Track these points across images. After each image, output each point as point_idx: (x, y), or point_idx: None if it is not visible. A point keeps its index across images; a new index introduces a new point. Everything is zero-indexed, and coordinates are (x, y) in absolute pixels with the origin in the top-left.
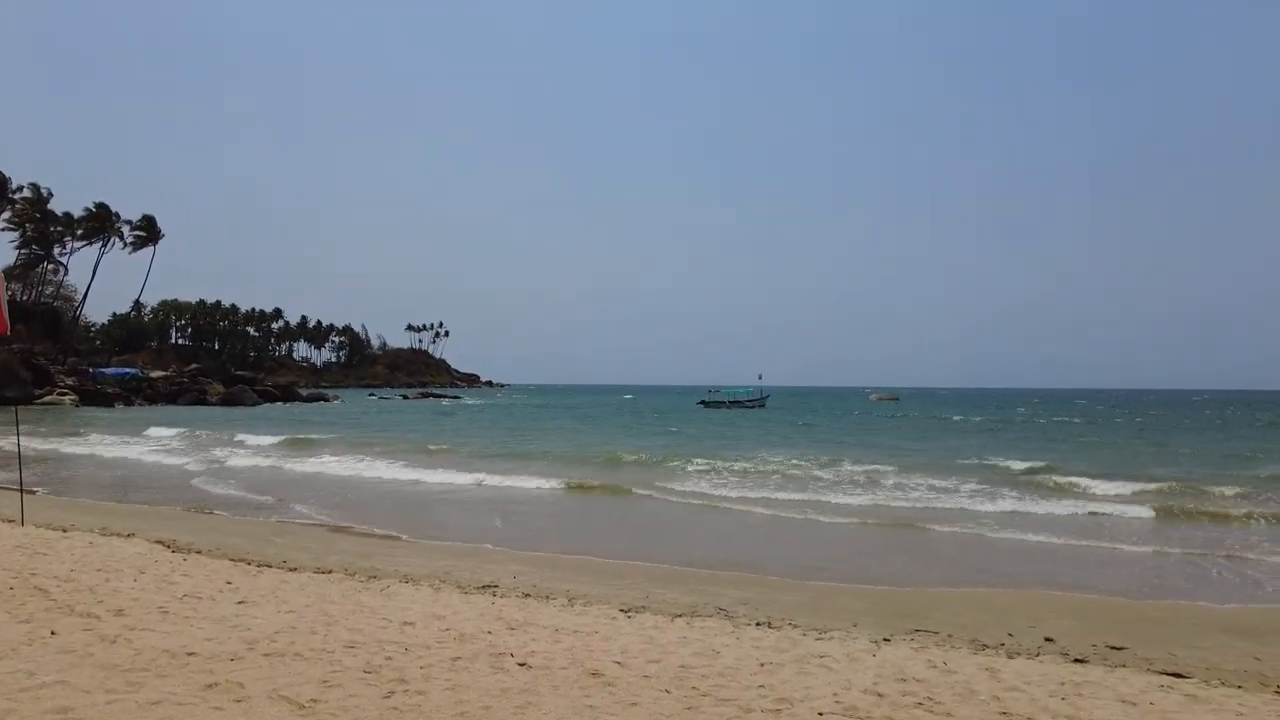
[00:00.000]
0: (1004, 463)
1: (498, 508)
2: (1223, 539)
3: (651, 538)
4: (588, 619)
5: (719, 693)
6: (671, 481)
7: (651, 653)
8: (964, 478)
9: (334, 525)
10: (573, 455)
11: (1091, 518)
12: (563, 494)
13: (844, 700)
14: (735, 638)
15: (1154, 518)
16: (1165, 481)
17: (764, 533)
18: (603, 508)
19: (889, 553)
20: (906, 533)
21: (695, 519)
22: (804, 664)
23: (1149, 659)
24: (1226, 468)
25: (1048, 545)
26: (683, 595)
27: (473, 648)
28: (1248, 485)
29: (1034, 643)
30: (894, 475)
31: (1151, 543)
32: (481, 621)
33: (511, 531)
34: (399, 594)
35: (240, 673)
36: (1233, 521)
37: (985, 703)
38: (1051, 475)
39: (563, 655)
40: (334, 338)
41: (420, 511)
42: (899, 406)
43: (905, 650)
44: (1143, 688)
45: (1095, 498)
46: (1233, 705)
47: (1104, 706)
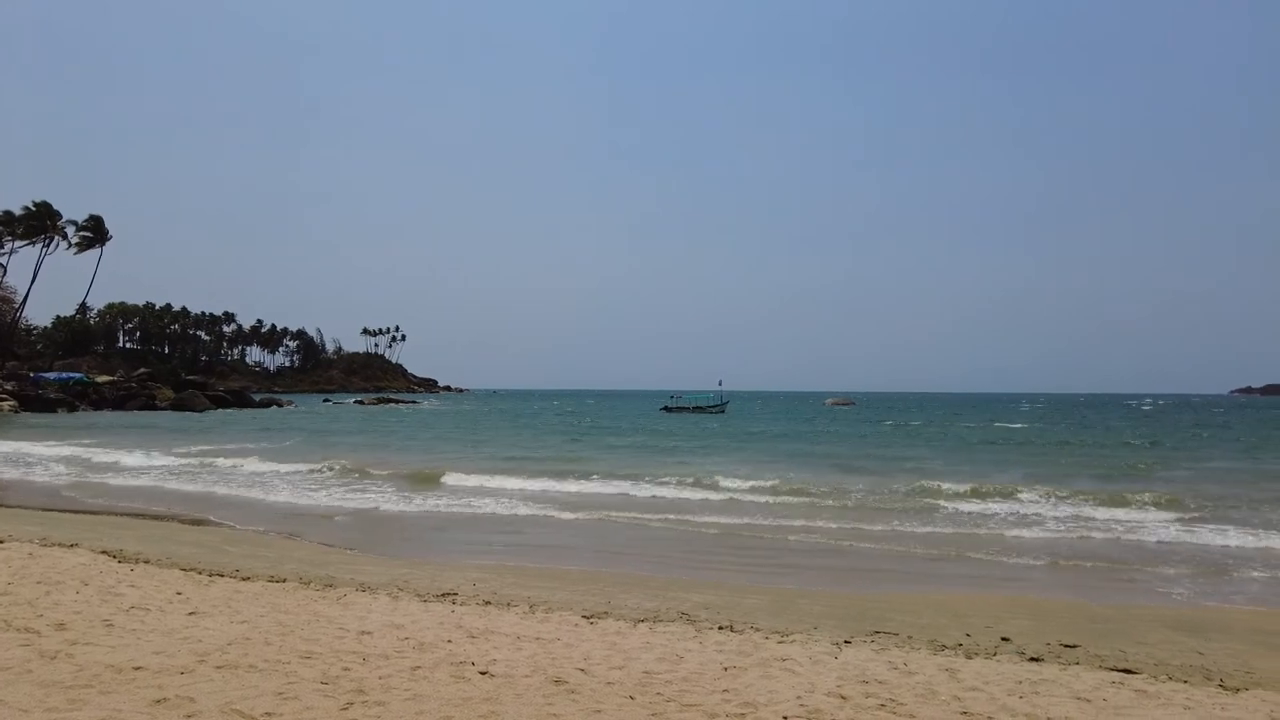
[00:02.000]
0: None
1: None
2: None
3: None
4: (550, 626)
5: (683, 698)
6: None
7: (615, 659)
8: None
9: (289, 533)
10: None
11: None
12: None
13: (808, 703)
14: (698, 642)
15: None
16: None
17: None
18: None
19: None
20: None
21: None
22: (767, 667)
23: (1101, 656)
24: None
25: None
26: (645, 600)
27: (433, 657)
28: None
29: (991, 643)
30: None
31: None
32: (441, 630)
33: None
34: (356, 603)
35: (191, 687)
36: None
37: (946, 703)
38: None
39: (525, 663)
40: (288, 341)
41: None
42: (853, 410)
43: (867, 652)
44: (1095, 684)
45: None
46: (1180, 699)
47: (1059, 704)
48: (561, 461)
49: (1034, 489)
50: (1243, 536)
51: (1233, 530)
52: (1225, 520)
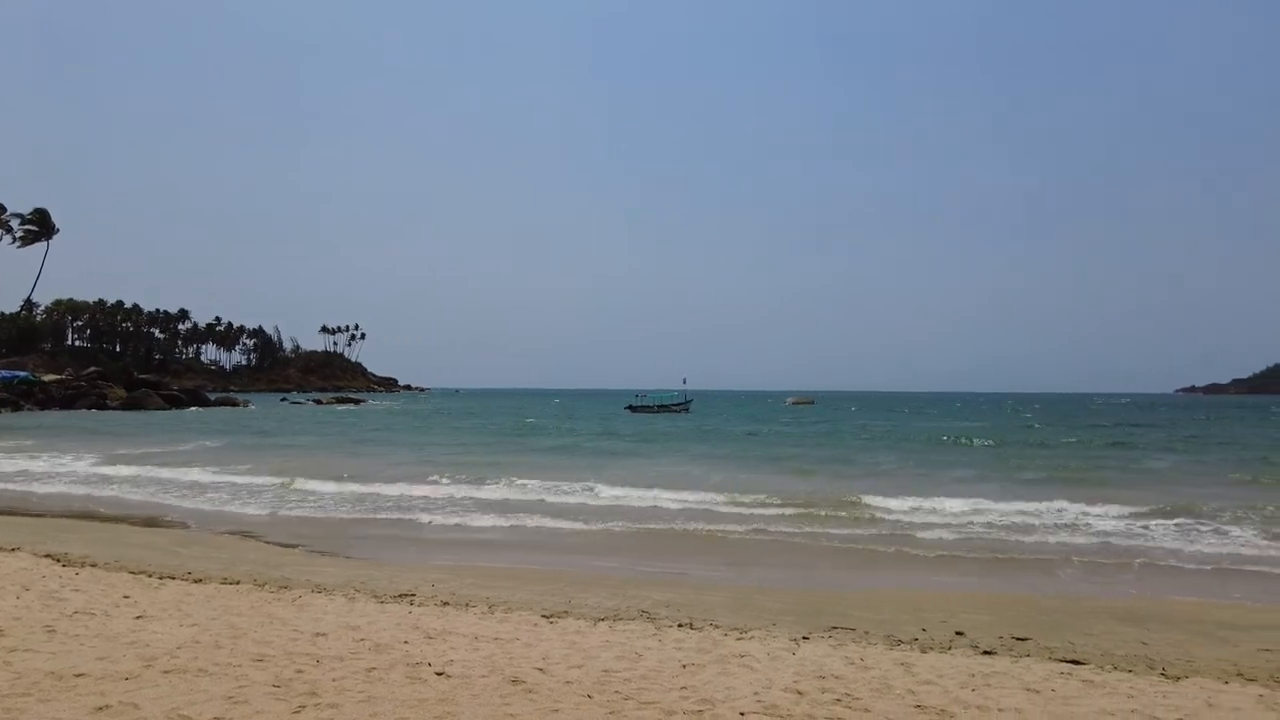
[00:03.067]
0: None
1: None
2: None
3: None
4: (508, 626)
5: (642, 695)
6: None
7: (574, 658)
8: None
9: (244, 533)
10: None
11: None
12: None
13: (765, 699)
14: (658, 640)
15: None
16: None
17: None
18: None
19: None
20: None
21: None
22: (726, 664)
23: (1050, 648)
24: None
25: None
26: (606, 599)
27: (389, 658)
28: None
29: (945, 637)
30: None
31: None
32: (398, 631)
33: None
34: (311, 604)
35: (135, 693)
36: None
37: (900, 696)
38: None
39: (482, 663)
40: (245, 340)
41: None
42: (812, 410)
43: (824, 648)
44: (1045, 675)
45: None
46: (1124, 688)
47: (1010, 695)
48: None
49: (968, 486)
50: (1182, 530)
51: (1172, 525)
52: (1165, 515)
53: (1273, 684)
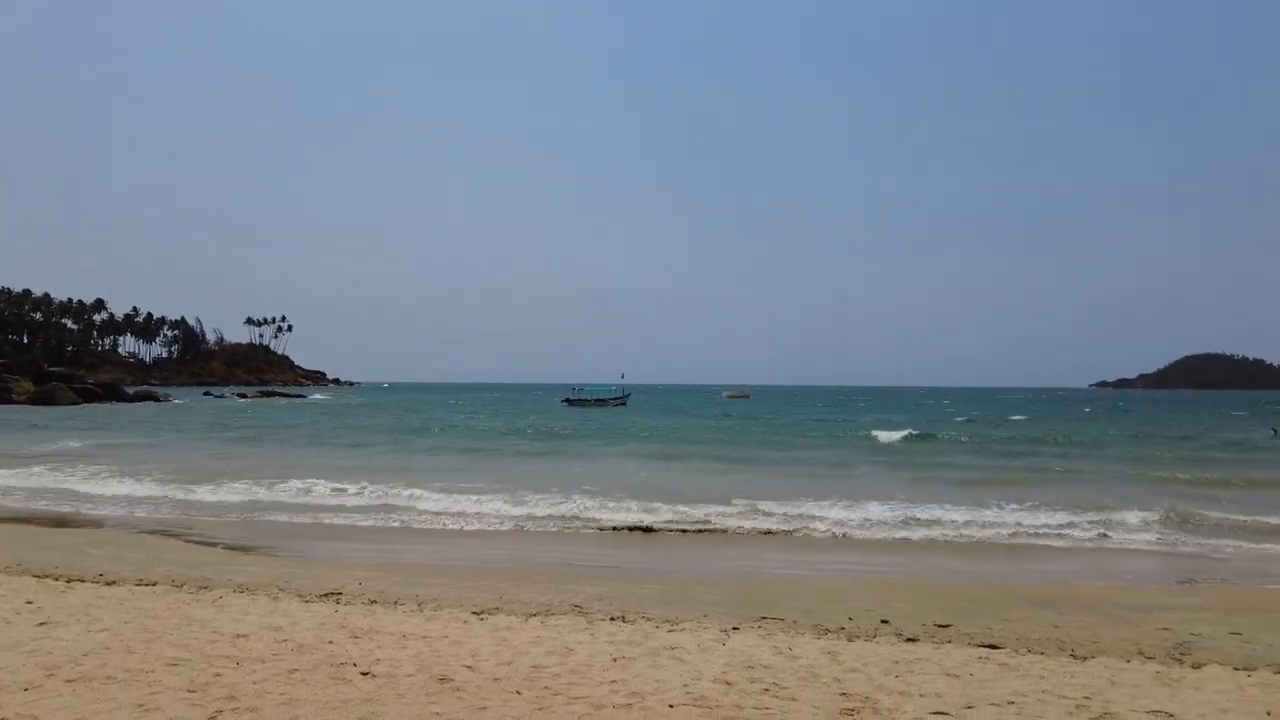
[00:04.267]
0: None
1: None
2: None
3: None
4: (437, 623)
5: (571, 690)
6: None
7: (504, 654)
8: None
9: (164, 532)
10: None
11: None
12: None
13: (694, 690)
14: (590, 634)
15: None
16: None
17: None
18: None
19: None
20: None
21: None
22: (656, 656)
23: (970, 634)
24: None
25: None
26: (538, 594)
27: (312, 658)
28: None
29: (871, 625)
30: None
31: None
32: (323, 630)
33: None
34: (232, 605)
35: (35, 704)
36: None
37: (827, 684)
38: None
39: (409, 662)
40: (166, 331)
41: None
42: (752, 403)
43: (753, 638)
44: (964, 660)
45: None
46: (1037, 670)
47: (931, 680)
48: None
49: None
50: (1080, 515)
51: (1066, 512)
52: (1059, 505)
53: (1170, 661)
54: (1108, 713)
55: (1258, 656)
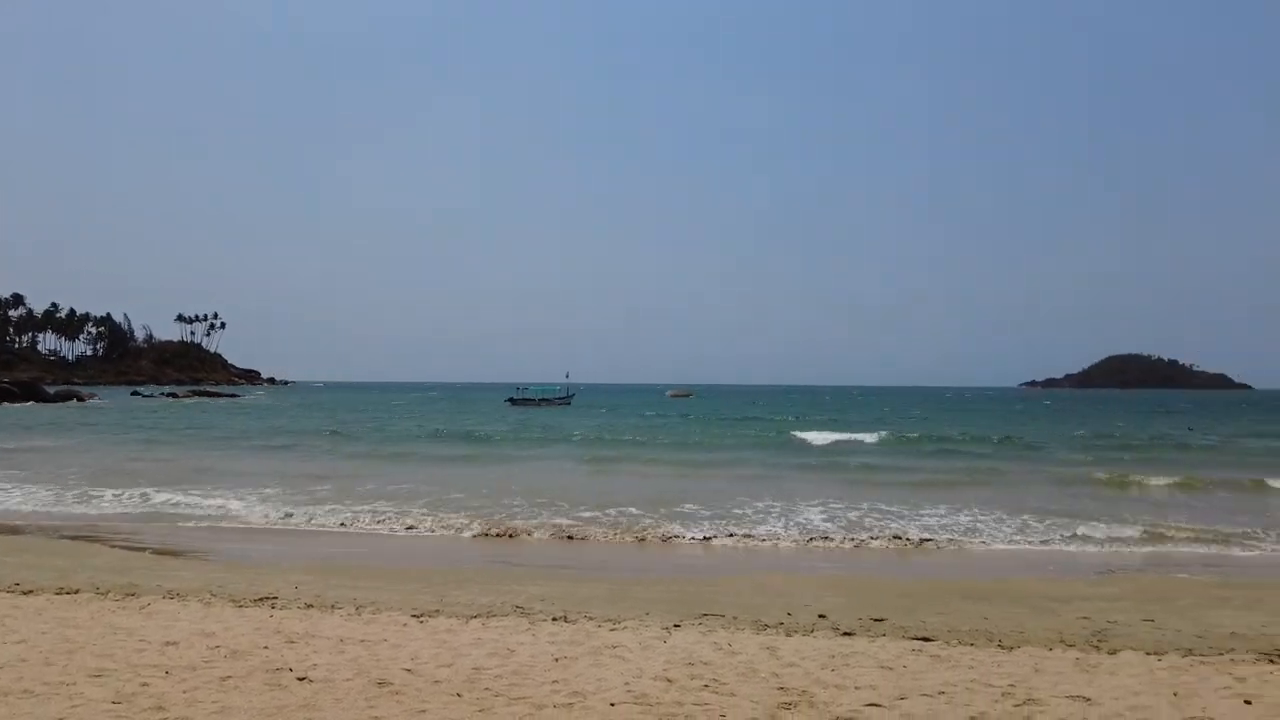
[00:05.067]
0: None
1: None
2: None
3: None
4: (376, 627)
5: (512, 691)
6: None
7: (444, 656)
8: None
9: (89, 537)
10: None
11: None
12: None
13: (635, 688)
14: (531, 635)
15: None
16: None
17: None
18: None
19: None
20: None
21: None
22: (598, 655)
23: (904, 627)
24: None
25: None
26: (480, 596)
27: (246, 665)
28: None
29: (809, 620)
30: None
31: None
32: (258, 636)
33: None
34: (161, 612)
35: None
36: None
37: (765, 679)
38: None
39: (347, 666)
40: (90, 328)
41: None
42: (690, 402)
43: (694, 635)
44: (898, 653)
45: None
46: (966, 660)
47: (867, 673)
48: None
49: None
50: (999, 515)
51: (983, 510)
52: (1008, 508)
53: (1088, 648)
54: (1031, 699)
55: (1167, 641)
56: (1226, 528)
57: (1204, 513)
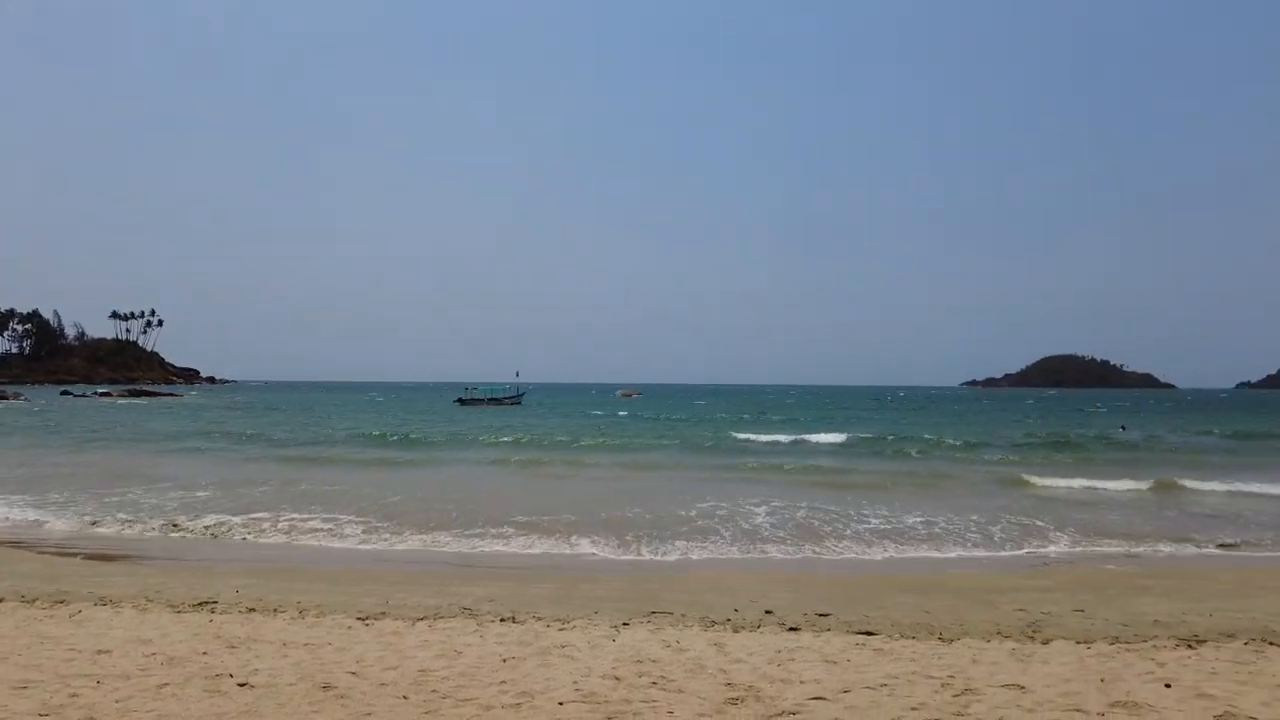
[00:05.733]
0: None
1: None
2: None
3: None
4: (320, 630)
5: (459, 693)
6: None
7: (390, 659)
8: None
9: (13, 543)
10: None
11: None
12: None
13: (584, 687)
14: (479, 636)
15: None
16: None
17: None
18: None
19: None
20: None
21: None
22: (546, 655)
23: (848, 621)
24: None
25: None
26: (426, 598)
27: (184, 671)
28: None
29: (756, 617)
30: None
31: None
32: (196, 642)
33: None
34: (94, 619)
35: None
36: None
37: (712, 676)
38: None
39: (290, 670)
40: (16, 325)
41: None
42: (638, 402)
43: (643, 633)
44: (842, 647)
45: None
46: (908, 654)
47: (811, 667)
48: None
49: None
50: (933, 513)
51: (931, 505)
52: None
53: (1023, 638)
54: (969, 689)
55: (1096, 630)
56: (1150, 523)
57: (1131, 508)
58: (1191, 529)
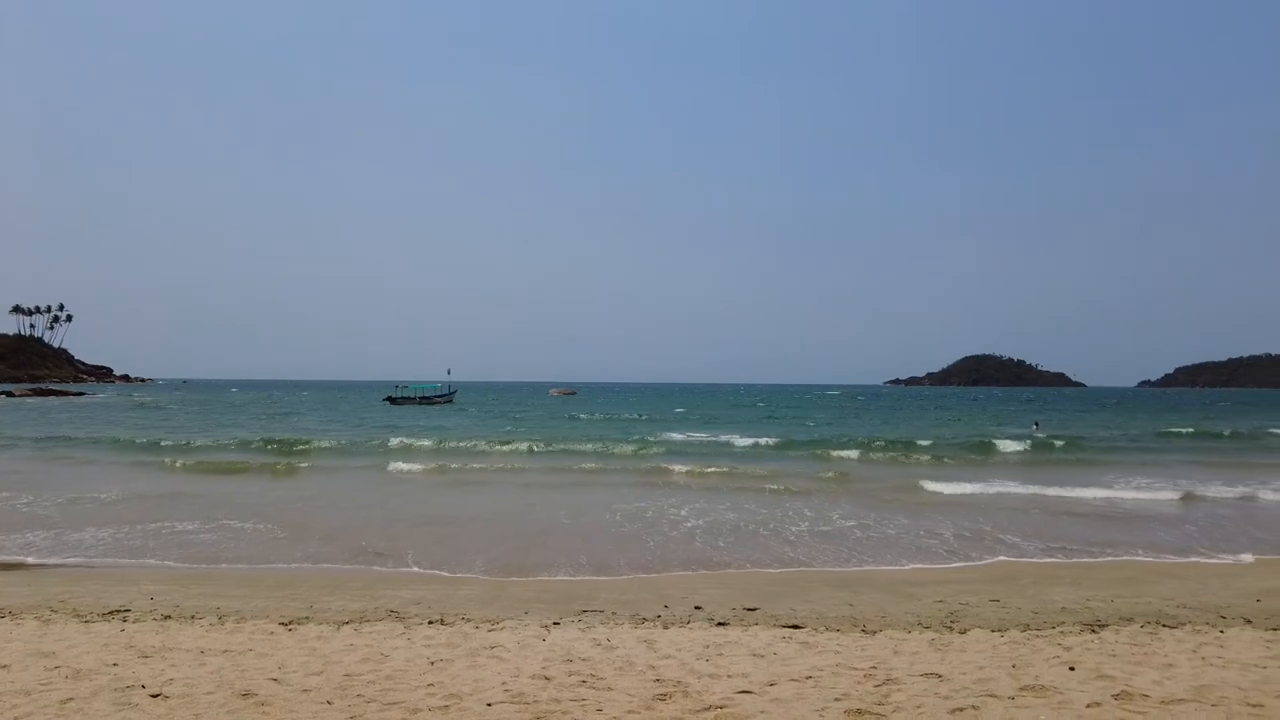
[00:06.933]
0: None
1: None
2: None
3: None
4: (241, 636)
5: (386, 696)
6: None
7: (314, 664)
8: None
9: None
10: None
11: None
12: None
13: (512, 688)
14: (406, 639)
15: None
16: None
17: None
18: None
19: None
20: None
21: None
22: (475, 657)
23: (776, 616)
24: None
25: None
26: (352, 601)
27: (92, 685)
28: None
29: (686, 612)
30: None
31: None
32: (106, 653)
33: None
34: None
35: None
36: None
37: (642, 672)
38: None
39: (208, 679)
40: None
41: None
42: (574, 400)
43: (573, 631)
44: (770, 641)
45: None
46: (833, 646)
47: (739, 661)
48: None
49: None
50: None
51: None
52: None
53: (942, 629)
54: (890, 679)
55: (1009, 619)
56: (1067, 521)
57: (1048, 500)
58: (1096, 519)
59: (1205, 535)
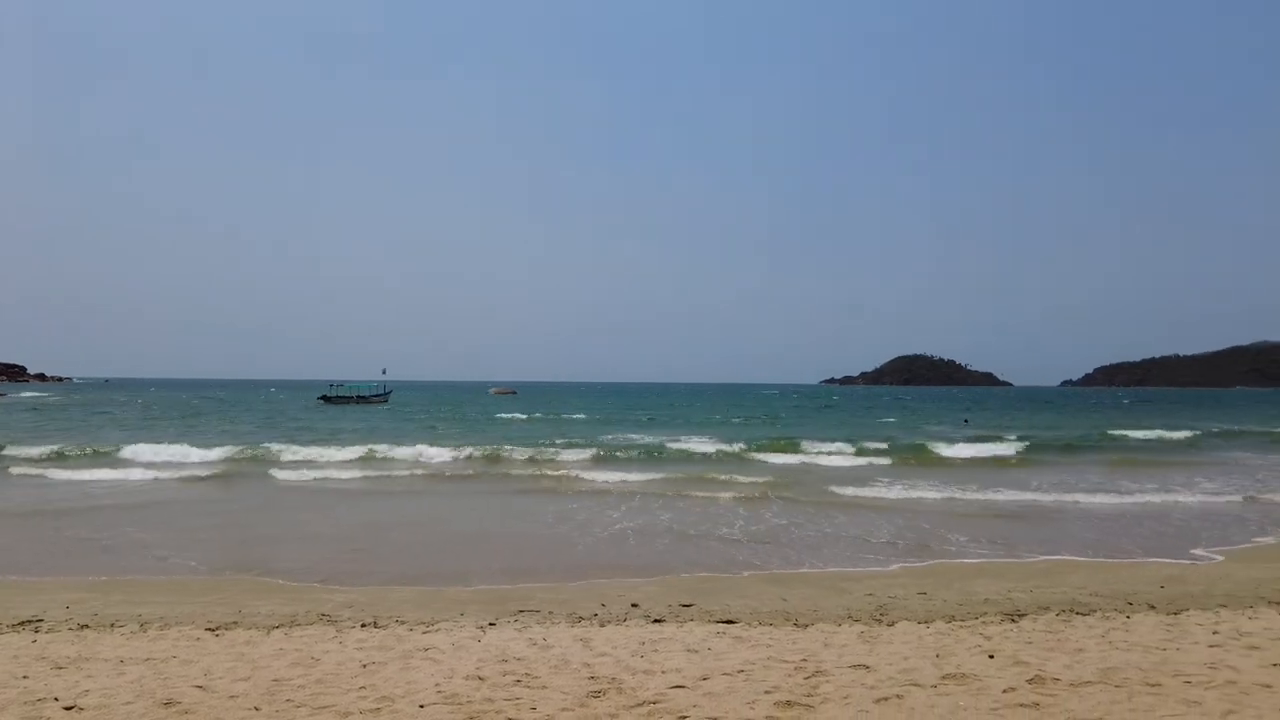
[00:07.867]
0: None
1: None
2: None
3: None
4: (164, 644)
5: (316, 701)
6: None
7: (241, 670)
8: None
9: None
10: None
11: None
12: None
13: (446, 689)
14: (338, 642)
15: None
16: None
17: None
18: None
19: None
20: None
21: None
22: (409, 659)
23: (710, 611)
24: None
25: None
26: (282, 606)
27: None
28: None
29: (622, 610)
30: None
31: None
32: (16, 665)
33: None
34: None
35: None
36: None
37: (577, 670)
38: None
39: (128, 689)
40: None
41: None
42: (513, 399)
43: (509, 632)
44: (704, 636)
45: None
46: (765, 640)
47: (673, 657)
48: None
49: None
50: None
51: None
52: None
53: (871, 622)
54: (819, 671)
55: (935, 610)
56: (998, 519)
57: (983, 492)
58: (1015, 509)
59: (1127, 533)
